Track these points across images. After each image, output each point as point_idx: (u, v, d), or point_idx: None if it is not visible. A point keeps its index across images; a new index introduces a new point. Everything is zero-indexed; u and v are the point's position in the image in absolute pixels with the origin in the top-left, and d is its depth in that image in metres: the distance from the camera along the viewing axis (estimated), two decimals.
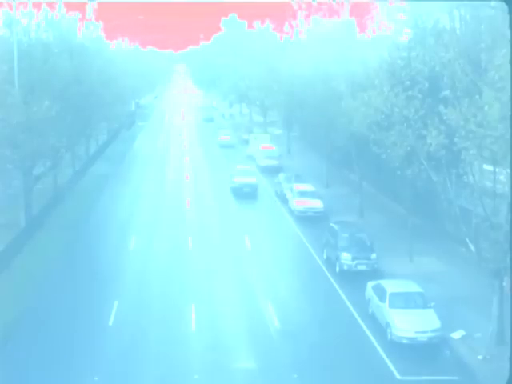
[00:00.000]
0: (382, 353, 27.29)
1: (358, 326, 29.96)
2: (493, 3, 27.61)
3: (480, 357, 26.30)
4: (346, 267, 36.13)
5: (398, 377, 25.39)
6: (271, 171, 64.42)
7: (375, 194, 53.72)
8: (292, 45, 69.44)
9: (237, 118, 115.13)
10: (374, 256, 36.37)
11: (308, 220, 47.59)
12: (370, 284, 31.45)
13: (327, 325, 30.19)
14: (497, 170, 26.71)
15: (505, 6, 24.27)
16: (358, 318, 30.70)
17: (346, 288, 34.44)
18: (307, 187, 51.41)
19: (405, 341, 27.44)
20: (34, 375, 25.25)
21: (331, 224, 39.77)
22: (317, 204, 48.58)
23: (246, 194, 55.36)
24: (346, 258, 36.11)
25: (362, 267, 36.10)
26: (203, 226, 46.63)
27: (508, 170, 24.10)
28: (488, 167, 27.78)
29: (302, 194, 49.78)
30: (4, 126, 35.60)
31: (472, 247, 27.03)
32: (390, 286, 29.96)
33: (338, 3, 55.83)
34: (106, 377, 25.18)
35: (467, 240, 27.23)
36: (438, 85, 29.24)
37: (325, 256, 38.96)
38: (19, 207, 42.84)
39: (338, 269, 36.50)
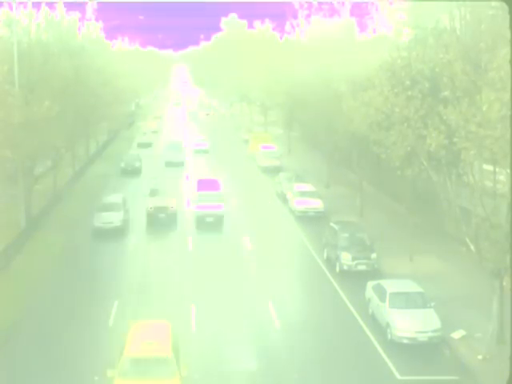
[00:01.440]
0: (381, 353, 27.29)
1: (358, 326, 29.96)
2: (493, 3, 27.62)
3: (480, 357, 26.28)
4: (346, 267, 36.14)
5: (398, 377, 25.38)
6: (272, 171, 64.48)
7: (375, 194, 53.75)
8: (292, 44, 69.52)
9: (237, 118, 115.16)
10: (374, 256, 36.38)
11: (308, 220, 47.61)
12: (370, 284, 31.44)
13: (327, 325, 30.19)
14: (497, 169, 26.70)
15: (505, 6, 24.29)
16: (358, 318, 30.70)
17: (346, 288, 34.45)
18: (307, 187, 51.45)
19: (405, 341, 27.43)
20: (34, 375, 25.26)
21: (331, 224, 39.76)
22: (317, 204, 48.61)
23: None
24: (346, 257, 36.13)
25: (362, 267, 36.11)
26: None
27: (508, 170, 24.08)
28: (488, 167, 27.77)
29: (303, 193, 49.83)
30: (4, 126, 35.60)
31: (472, 247, 27.01)
32: (390, 285, 29.94)
33: (339, 3, 55.93)
34: (106, 376, 25.13)
35: (467, 240, 27.22)
36: (438, 85, 29.22)
37: (325, 256, 38.97)
38: (19, 207, 42.87)
39: (338, 269, 36.51)
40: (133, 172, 66.39)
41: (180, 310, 31.59)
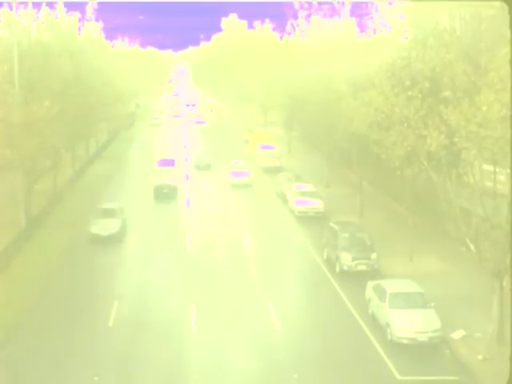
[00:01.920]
0: (381, 353, 27.28)
1: (358, 326, 29.95)
2: (493, 3, 27.65)
3: (480, 357, 26.27)
4: (346, 267, 36.13)
5: (398, 377, 25.37)
6: (272, 171, 64.45)
7: (375, 194, 53.75)
8: (292, 45, 69.56)
9: (237, 118, 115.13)
10: (374, 256, 36.37)
11: (308, 220, 47.61)
12: (370, 284, 31.43)
13: (327, 325, 30.17)
14: (497, 170, 26.70)
15: (505, 6, 24.30)
16: (358, 318, 30.70)
17: (346, 288, 34.44)
18: (308, 187, 51.45)
19: (405, 341, 27.41)
20: (34, 375, 25.27)
21: (331, 224, 39.75)
22: (317, 204, 48.61)
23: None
24: (346, 258, 36.12)
25: (362, 267, 36.10)
26: (202, 225, 46.60)
27: (508, 170, 24.10)
28: (488, 167, 27.77)
29: (303, 193, 49.84)
30: (4, 125, 35.60)
31: (472, 247, 27.02)
32: (390, 286, 29.92)
33: (339, 3, 55.97)
34: (106, 377, 25.18)
35: (467, 240, 27.22)
36: (439, 85, 29.22)
37: (325, 256, 38.97)
38: (19, 207, 42.87)
39: (338, 269, 36.50)
40: None
41: (180, 309, 31.61)
